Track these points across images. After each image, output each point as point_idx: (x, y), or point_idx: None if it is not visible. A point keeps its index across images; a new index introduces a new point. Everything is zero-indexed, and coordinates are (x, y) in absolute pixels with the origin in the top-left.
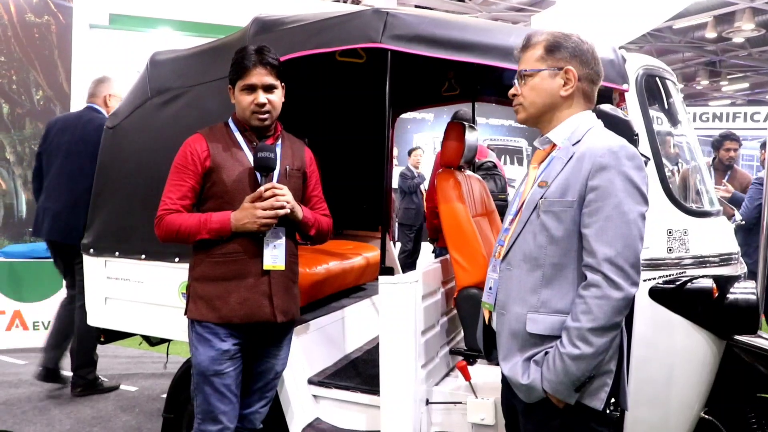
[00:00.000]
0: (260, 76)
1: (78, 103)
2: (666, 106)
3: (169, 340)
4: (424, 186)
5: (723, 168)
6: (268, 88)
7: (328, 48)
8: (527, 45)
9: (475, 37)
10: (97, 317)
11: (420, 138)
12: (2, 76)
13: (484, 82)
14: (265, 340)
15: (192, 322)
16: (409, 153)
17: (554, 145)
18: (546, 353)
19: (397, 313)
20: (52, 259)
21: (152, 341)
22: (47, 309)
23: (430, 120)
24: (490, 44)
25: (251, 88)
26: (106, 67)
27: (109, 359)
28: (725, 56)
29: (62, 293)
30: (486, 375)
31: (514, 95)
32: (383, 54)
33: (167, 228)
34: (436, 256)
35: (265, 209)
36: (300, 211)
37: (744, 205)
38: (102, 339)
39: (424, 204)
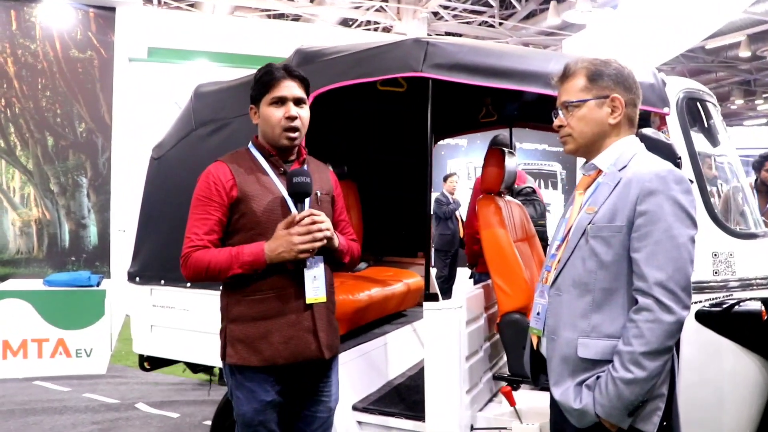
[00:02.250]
0: (290, 88)
1: (119, 134)
2: (707, 128)
3: (212, 367)
4: (459, 212)
5: (765, 189)
6: (298, 102)
7: (370, 78)
8: (567, 74)
9: (514, 64)
10: (142, 345)
11: (454, 164)
12: (47, 110)
13: (521, 108)
14: (313, 380)
15: (231, 369)
16: (445, 179)
17: (600, 171)
18: (598, 378)
19: (442, 338)
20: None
21: (195, 368)
22: (90, 337)
23: (464, 146)
24: (529, 71)
25: (281, 101)
26: (145, 99)
27: (149, 386)
28: (759, 75)
29: (103, 321)
30: (530, 400)
31: (561, 126)
32: (423, 82)
33: (195, 266)
34: (475, 282)
35: (301, 234)
36: (337, 239)
37: None
38: (147, 366)
39: (460, 230)
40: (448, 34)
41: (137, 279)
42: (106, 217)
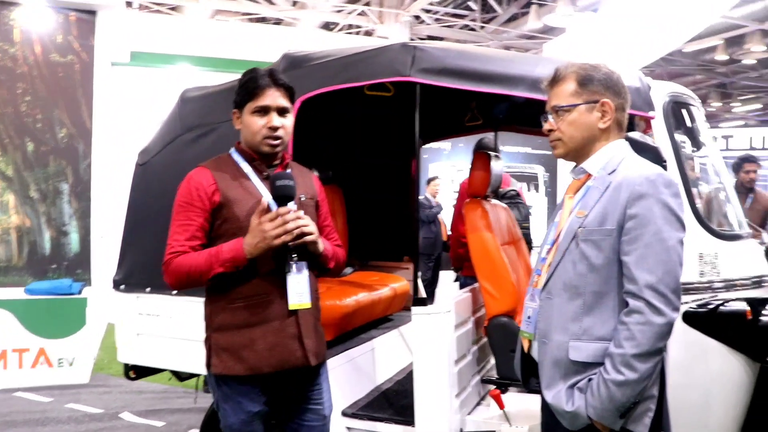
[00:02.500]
0: (274, 97)
1: (100, 139)
2: (692, 131)
3: (198, 375)
4: (442, 215)
5: (744, 191)
6: (282, 111)
7: (358, 82)
8: (557, 79)
9: (501, 68)
10: (128, 353)
11: (437, 167)
12: (27, 115)
13: (507, 112)
14: (300, 388)
15: (217, 379)
16: (428, 182)
17: (589, 175)
18: (589, 380)
19: (431, 343)
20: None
21: (181, 376)
22: (72, 346)
23: (446, 150)
24: (516, 75)
25: (264, 111)
26: (127, 104)
27: (134, 395)
28: (736, 78)
29: (85, 330)
30: (519, 403)
31: (550, 130)
32: (410, 87)
33: (176, 272)
34: (461, 285)
35: (271, 220)
36: (321, 243)
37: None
38: (133, 375)
39: (443, 233)
40: (430, 37)
41: (122, 286)
42: (88, 223)
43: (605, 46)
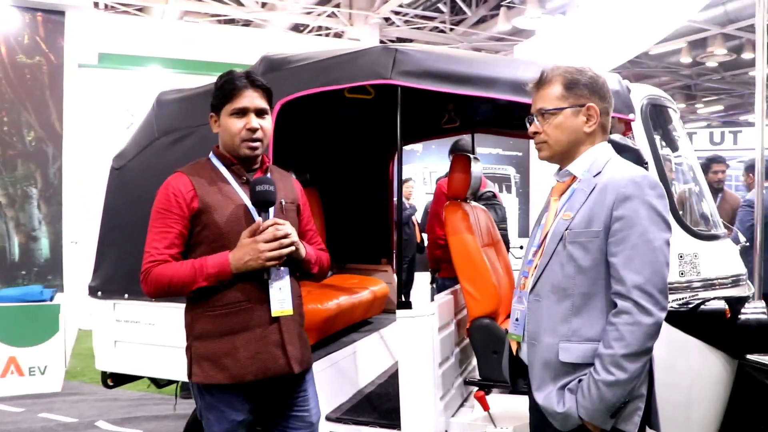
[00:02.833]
0: (252, 98)
1: (70, 143)
2: (669, 133)
3: (177, 381)
4: (416, 217)
5: (713, 191)
6: (260, 113)
7: (339, 85)
8: (543, 82)
9: (482, 71)
10: (106, 361)
11: (410, 169)
12: None
13: (483, 114)
14: (285, 395)
15: (199, 388)
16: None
17: (574, 177)
18: (580, 381)
19: (416, 346)
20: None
21: (160, 383)
22: (44, 354)
23: (419, 151)
24: (497, 78)
25: (242, 113)
26: (96, 107)
27: (109, 402)
28: (700, 80)
29: (58, 337)
30: (503, 404)
31: (536, 133)
32: (389, 89)
33: (156, 282)
34: (438, 287)
35: (268, 241)
36: (303, 249)
37: (735, 228)
38: (111, 383)
39: (417, 234)
40: (399, 39)
41: (99, 293)
42: (58, 228)
43: (575, 48)
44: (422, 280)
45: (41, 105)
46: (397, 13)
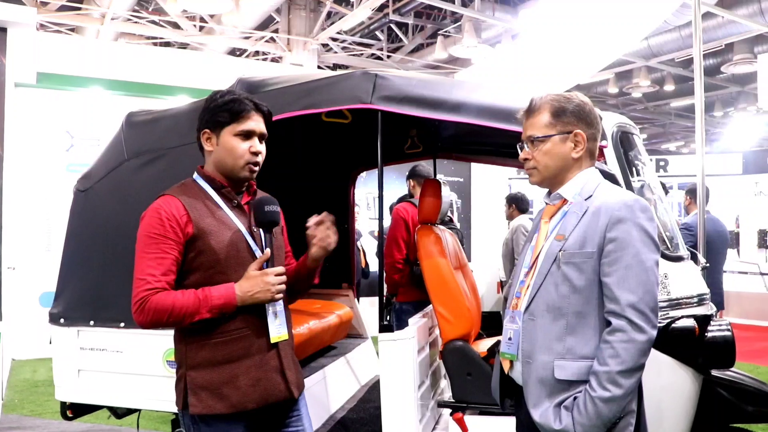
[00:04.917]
0: (258, 122)
1: (10, 163)
2: (636, 158)
3: (139, 411)
4: (361, 242)
5: None
6: (262, 138)
7: (319, 109)
8: (532, 110)
9: (462, 97)
10: (67, 391)
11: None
12: None
13: (446, 139)
14: (282, 417)
15: (194, 418)
16: None
17: (564, 200)
18: (575, 398)
19: (398, 369)
20: None
21: (118, 413)
22: None
23: (363, 176)
24: (478, 104)
25: (248, 135)
26: (35, 127)
27: None
28: (625, 109)
29: None
30: (477, 426)
31: (526, 159)
32: (363, 114)
33: (156, 311)
34: (396, 312)
35: (279, 275)
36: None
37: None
38: (70, 414)
39: (362, 260)
40: (336, 65)
41: (62, 320)
42: None
43: (511, 77)
44: (369, 304)
45: None
46: (335, 40)
